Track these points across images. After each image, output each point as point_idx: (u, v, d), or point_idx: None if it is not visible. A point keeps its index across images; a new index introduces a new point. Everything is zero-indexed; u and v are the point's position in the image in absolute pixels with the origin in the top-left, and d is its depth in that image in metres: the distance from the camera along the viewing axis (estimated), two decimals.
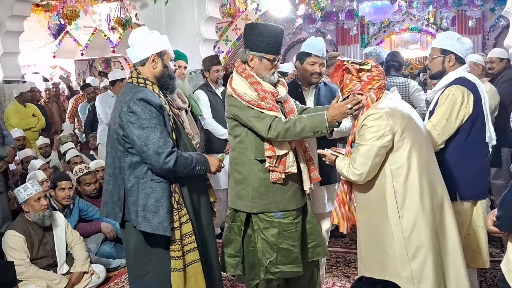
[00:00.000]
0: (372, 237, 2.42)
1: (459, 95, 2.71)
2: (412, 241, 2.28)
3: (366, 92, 2.41)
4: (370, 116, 2.31)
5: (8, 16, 6.56)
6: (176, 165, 2.37)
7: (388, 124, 2.27)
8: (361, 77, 2.41)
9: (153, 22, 5.95)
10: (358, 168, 2.32)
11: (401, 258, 2.29)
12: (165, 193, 2.41)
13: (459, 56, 2.83)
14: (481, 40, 11.87)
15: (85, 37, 11.12)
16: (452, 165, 2.75)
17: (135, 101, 2.36)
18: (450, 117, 2.72)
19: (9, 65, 6.75)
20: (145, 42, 2.52)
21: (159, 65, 2.52)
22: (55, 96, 8.31)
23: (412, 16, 12.16)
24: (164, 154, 2.34)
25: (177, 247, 2.44)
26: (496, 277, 3.61)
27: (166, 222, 2.37)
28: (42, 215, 3.63)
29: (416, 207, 2.29)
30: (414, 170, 2.30)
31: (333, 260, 4.15)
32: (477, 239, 2.82)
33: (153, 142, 2.33)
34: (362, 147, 2.32)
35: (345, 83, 2.46)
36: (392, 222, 2.31)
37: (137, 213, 2.39)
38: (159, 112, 2.40)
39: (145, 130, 2.34)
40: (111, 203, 2.50)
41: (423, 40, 12.73)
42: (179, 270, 2.45)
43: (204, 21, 5.83)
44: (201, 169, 2.53)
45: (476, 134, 2.78)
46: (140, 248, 2.49)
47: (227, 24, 9.12)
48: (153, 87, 2.49)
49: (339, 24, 12.74)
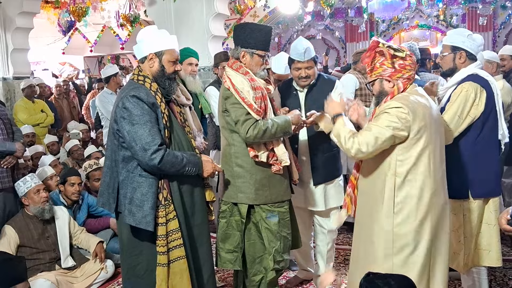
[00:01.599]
0: (363, 222, 2.44)
1: (472, 91, 2.69)
2: (400, 237, 2.28)
3: (395, 79, 2.35)
4: (394, 108, 2.26)
5: (18, 13, 6.59)
6: (162, 163, 2.41)
7: (408, 121, 2.23)
8: (394, 63, 2.34)
9: (162, 19, 5.95)
10: (362, 145, 2.27)
11: (385, 250, 2.30)
12: (151, 189, 2.46)
13: (470, 53, 2.81)
14: (491, 37, 11.77)
15: (94, 34, 11.18)
16: (464, 163, 2.73)
17: (128, 97, 2.44)
18: (462, 113, 2.69)
19: (19, 61, 6.79)
20: (147, 40, 2.57)
21: (156, 64, 2.56)
22: (65, 93, 8.35)
23: (422, 13, 12.08)
24: (150, 151, 2.39)
25: (162, 243, 2.48)
26: (506, 276, 3.57)
27: (149, 217, 2.43)
28: (42, 208, 3.64)
29: (412, 206, 2.27)
30: (421, 171, 2.27)
31: (341, 257, 4.14)
32: (488, 238, 2.80)
33: (140, 138, 2.40)
34: (375, 128, 2.27)
35: (375, 66, 2.39)
36: (384, 213, 2.30)
37: (125, 205, 2.48)
38: (151, 110, 2.46)
39: (135, 126, 2.41)
40: (106, 194, 2.58)
41: (433, 37, 12.66)
42: (163, 266, 2.50)
43: (213, 18, 5.82)
44: (191, 170, 2.54)
45: (489, 131, 2.76)
46: (132, 240, 2.57)
47: (235, 21, 9.11)
48: (151, 85, 2.55)
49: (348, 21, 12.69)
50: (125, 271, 2.67)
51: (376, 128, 2.26)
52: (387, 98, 2.35)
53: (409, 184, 2.28)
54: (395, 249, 2.28)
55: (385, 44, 2.37)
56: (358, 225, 2.52)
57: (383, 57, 2.36)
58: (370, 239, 2.37)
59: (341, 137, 2.37)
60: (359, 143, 2.27)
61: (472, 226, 2.78)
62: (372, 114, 2.46)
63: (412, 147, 2.26)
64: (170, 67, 2.59)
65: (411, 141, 2.26)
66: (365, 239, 2.41)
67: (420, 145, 2.26)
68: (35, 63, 11.71)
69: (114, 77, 5.57)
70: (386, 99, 2.36)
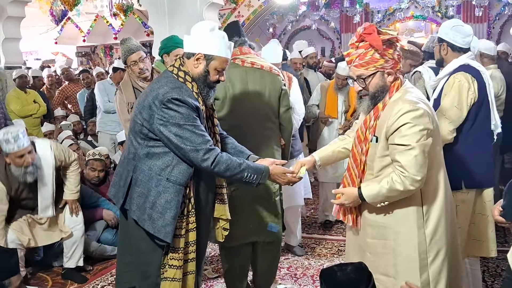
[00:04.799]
0: (386, 240, 2.18)
1: (464, 81, 2.68)
2: (434, 245, 2.14)
3: (396, 72, 2.11)
4: (411, 113, 1.99)
5: (10, 1, 6.50)
6: (215, 163, 2.23)
7: (431, 122, 2.02)
8: (394, 53, 2.09)
9: (155, 8, 5.88)
10: (417, 174, 1.99)
11: (421, 262, 2.12)
12: (177, 197, 2.26)
13: (453, 45, 2.79)
14: (486, 28, 11.77)
15: (87, 24, 11.07)
16: (458, 153, 2.72)
17: (170, 99, 2.21)
18: (459, 103, 2.68)
19: (10, 51, 6.71)
20: (200, 37, 2.32)
21: (201, 67, 2.32)
22: (57, 83, 8.27)
23: (417, 3, 12.05)
24: (202, 151, 2.21)
25: (179, 256, 2.32)
26: (499, 267, 3.60)
27: (169, 227, 2.24)
28: (24, 171, 3.40)
29: (439, 210, 2.13)
30: (439, 171, 2.13)
31: (335, 248, 4.15)
32: (482, 228, 2.80)
33: (190, 140, 2.21)
34: (413, 150, 1.98)
35: (373, 57, 2.07)
36: (415, 226, 2.11)
37: (145, 209, 2.27)
38: (195, 112, 2.26)
39: (182, 128, 2.21)
40: (117, 186, 2.41)
41: (428, 28, 12.65)
42: (178, 280, 2.32)
43: (207, 7, 5.76)
44: (251, 177, 2.29)
45: (481, 122, 2.75)
46: (137, 240, 2.39)
47: (230, 11, 9.04)
48: (193, 85, 2.33)
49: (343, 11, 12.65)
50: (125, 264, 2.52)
51: (415, 149, 1.98)
52: (386, 98, 2.12)
53: (433, 188, 2.12)
54: (430, 258, 2.13)
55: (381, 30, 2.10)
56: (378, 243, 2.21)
57: (388, 46, 2.08)
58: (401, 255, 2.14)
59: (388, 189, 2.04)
60: (414, 175, 1.99)
61: (465, 217, 2.78)
62: (366, 120, 2.17)
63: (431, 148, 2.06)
64: (215, 75, 2.34)
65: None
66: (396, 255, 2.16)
67: (434, 144, 2.08)
68: (28, 53, 11.60)
69: (121, 71, 5.56)
70: (385, 99, 2.12)
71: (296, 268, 3.80)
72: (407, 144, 1.99)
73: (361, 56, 2.09)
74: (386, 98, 2.12)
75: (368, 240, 2.25)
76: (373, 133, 2.13)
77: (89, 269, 3.96)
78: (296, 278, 3.63)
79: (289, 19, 13.97)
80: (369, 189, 2.10)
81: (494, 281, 3.42)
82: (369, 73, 2.09)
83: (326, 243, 4.28)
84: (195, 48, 2.31)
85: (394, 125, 2.02)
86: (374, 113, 2.14)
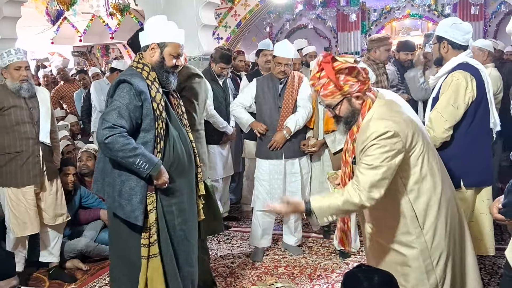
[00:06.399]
0: (391, 252, 2.23)
1: (463, 80, 2.68)
2: (436, 249, 2.16)
3: (362, 94, 2.09)
4: (380, 135, 2.00)
5: (5, 2, 6.47)
6: (110, 140, 2.33)
7: (401, 141, 2.01)
8: (358, 75, 2.07)
9: (152, 7, 5.87)
10: (375, 193, 2.01)
11: (427, 268, 2.16)
12: (140, 183, 2.43)
13: (454, 42, 2.79)
14: (482, 26, 11.79)
15: (83, 23, 11.02)
16: (456, 152, 2.72)
17: (117, 81, 2.45)
18: (455, 102, 2.68)
19: None
20: (153, 29, 2.57)
21: (156, 55, 2.55)
22: (53, 83, 8.24)
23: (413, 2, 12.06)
24: (106, 124, 2.35)
25: (145, 235, 2.49)
26: (495, 265, 3.61)
27: (138, 211, 2.42)
28: (19, 85, 3.51)
29: (434, 214, 2.13)
30: (428, 177, 2.12)
31: (332, 247, 4.15)
32: (479, 226, 2.81)
33: (108, 113, 2.39)
34: (375, 170, 2.01)
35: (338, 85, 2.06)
36: (414, 236, 2.14)
37: (114, 198, 2.46)
38: (135, 97, 2.41)
39: (112, 104, 2.41)
40: (101, 181, 2.55)
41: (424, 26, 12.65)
42: (144, 258, 2.49)
43: (203, 6, 5.75)
44: (142, 165, 2.36)
45: (480, 120, 2.75)
46: (123, 228, 2.53)
47: (226, 10, 9.02)
48: (150, 74, 2.54)
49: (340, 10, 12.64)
50: (115, 259, 2.65)
51: (379, 169, 2.00)
52: (359, 120, 2.10)
53: (423, 194, 2.13)
54: (434, 262, 2.15)
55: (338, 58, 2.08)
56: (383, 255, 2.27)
57: (343, 74, 2.06)
58: (407, 264, 2.18)
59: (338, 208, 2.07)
60: (371, 193, 2.01)
61: (464, 215, 2.78)
62: (346, 142, 2.20)
63: (410, 159, 2.08)
64: (170, 60, 2.56)
65: (408, 154, 2.07)
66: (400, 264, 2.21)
67: (417, 152, 2.09)
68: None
69: (118, 72, 5.56)
70: (358, 121, 2.11)
71: (293, 267, 3.80)
72: (369, 164, 2.01)
73: (325, 86, 2.09)
74: (359, 120, 2.12)
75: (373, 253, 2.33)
76: (352, 156, 2.16)
77: (86, 269, 3.95)
78: (293, 277, 3.63)
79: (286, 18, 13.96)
80: (318, 201, 2.12)
81: (491, 278, 3.43)
82: (336, 102, 2.11)
83: (323, 242, 4.28)
84: (149, 39, 2.56)
85: (363, 145, 2.05)
86: (350, 136, 2.16)
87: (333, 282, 3.52)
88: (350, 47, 12.82)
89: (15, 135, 3.51)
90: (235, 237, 4.56)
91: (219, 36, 9.10)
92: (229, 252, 4.18)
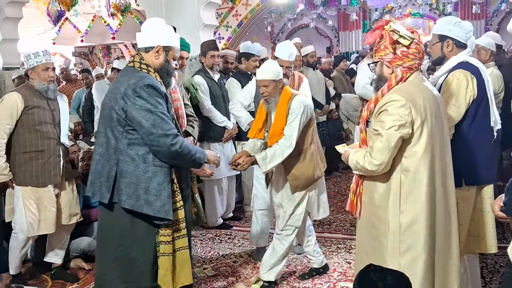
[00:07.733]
0: (369, 222, 2.34)
1: (463, 79, 2.68)
2: (407, 238, 2.20)
3: (394, 66, 2.23)
4: (393, 102, 2.13)
5: (7, 2, 6.49)
6: (182, 148, 2.49)
7: (410, 115, 2.12)
8: (396, 49, 2.21)
9: (153, 8, 5.89)
10: (376, 158, 2.17)
11: (392, 250, 2.23)
12: (167, 178, 2.51)
13: (458, 41, 2.78)
14: (483, 25, 11.78)
15: (85, 24, 11.06)
16: (458, 151, 2.71)
17: (143, 86, 2.44)
18: (457, 101, 2.68)
19: (8, 52, 6.70)
20: (157, 32, 2.61)
21: (161, 57, 2.61)
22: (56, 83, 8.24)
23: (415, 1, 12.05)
24: (171, 136, 2.45)
25: (168, 232, 2.55)
26: (497, 263, 3.61)
27: (167, 205, 2.48)
28: (47, 86, 3.56)
29: (420, 207, 2.17)
30: (426, 167, 2.17)
31: (334, 246, 4.16)
32: (481, 225, 2.80)
33: (160, 126, 2.43)
34: (380, 136, 2.16)
35: (379, 47, 2.26)
36: (390, 214, 2.22)
37: (138, 196, 2.46)
38: (163, 99, 2.51)
39: (153, 114, 2.43)
40: (98, 183, 2.54)
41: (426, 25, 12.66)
42: (168, 255, 2.55)
43: (204, 6, 5.77)
44: (200, 157, 2.63)
45: (481, 118, 2.75)
46: (126, 229, 2.55)
47: (227, 10, 9.04)
48: (156, 75, 2.59)
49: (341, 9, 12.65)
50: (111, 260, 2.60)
51: (382, 136, 2.15)
52: (385, 88, 2.25)
53: (416, 181, 2.17)
54: (402, 249, 2.21)
55: (393, 27, 2.20)
56: (364, 222, 2.39)
57: (386, 41, 2.22)
58: (378, 239, 2.28)
59: (359, 161, 2.26)
60: (373, 158, 2.18)
61: (466, 214, 2.77)
62: (368, 105, 2.33)
63: (416, 143, 2.16)
64: (173, 63, 2.68)
65: (415, 136, 2.16)
66: (373, 237, 2.31)
67: (423, 139, 2.16)
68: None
69: (117, 72, 5.58)
70: (383, 89, 2.25)
71: (295, 266, 3.81)
72: (377, 129, 2.18)
73: (377, 42, 2.29)
74: (384, 88, 2.25)
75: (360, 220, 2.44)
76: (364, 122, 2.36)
77: (89, 268, 3.96)
78: (295, 276, 3.64)
79: (287, 18, 13.97)
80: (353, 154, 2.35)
81: (492, 277, 3.43)
82: (375, 60, 2.33)
83: (324, 241, 4.29)
84: (153, 41, 2.59)
85: (377, 111, 2.21)
86: (368, 104, 2.33)
87: (334, 281, 3.52)
88: (351, 46, 12.84)
89: (38, 135, 3.53)
90: (237, 236, 4.56)
91: (220, 36, 9.12)
92: (231, 251, 4.19)
